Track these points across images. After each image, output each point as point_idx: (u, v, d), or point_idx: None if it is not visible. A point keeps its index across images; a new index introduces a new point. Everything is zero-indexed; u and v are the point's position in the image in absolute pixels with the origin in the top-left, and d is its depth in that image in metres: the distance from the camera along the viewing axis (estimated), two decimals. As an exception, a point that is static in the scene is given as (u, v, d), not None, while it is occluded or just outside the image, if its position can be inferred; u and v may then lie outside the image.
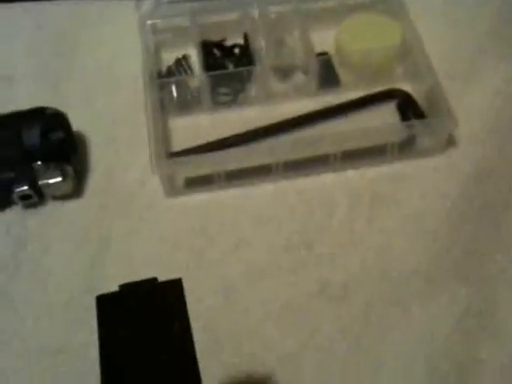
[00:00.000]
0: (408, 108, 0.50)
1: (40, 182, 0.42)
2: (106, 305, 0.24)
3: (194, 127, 0.49)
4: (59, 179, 0.43)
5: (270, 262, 0.43)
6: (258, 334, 0.39)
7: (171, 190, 0.46)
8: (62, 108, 0.45)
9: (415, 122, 0.47)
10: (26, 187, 0.42)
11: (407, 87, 0.51)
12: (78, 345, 0.39)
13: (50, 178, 0.43)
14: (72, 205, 0.45)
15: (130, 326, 0.23)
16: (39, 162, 0.42)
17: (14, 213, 0.44)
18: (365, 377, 0.38)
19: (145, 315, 0.23)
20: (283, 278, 0.42)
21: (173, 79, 0.50)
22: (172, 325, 0.23)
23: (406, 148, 0.48)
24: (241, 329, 0.40)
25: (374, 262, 0.43)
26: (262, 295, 0.41)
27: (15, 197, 0.43)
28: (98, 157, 0.47)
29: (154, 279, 0.25)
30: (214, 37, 0.53)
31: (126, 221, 0.44)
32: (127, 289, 0.24)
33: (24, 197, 0.43)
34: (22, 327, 0.40)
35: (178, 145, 0.48)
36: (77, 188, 0.45)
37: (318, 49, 0.51)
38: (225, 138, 0.48)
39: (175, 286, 0.24)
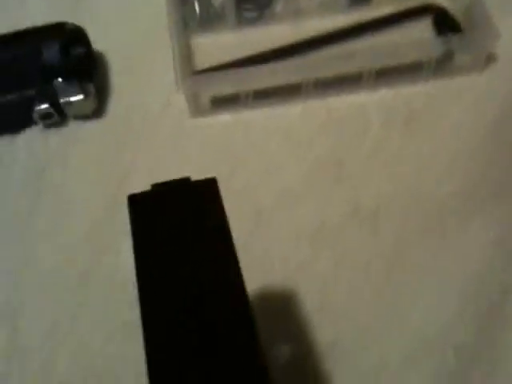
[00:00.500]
0: (444, 24, 0.47)
1: (61, 100, 0.41)
2: (139, 204, 0.22)
3: (218, 46, 0.47)
4: (81, 97, 0.41)
5: (301, 183, 0.41)
6: (290, 256, 0.38)
7: (196, 110, 0.44)
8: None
9: (452, 37, 0.45)
10: (46, 105, 0.41)
11: (444, 2, 0.48)
12: (104, 268, 0.38)
13: (72, 96, 0.41)
14: (94, 125, 0.43)
15: (165, 226, 0.21)
16: (60, 79, 0.40)
17: (35, 133, 0.43)
18: (398, 299, 0.37)
19: (180, 216, 0.21)
20: (314, 200, 0.41)
21: (195, -6, 0.48)
22: (209, 225, 0.21)
23: (442, 65, 0.45)
24: (273, 252, 0.38)
25: (408, 183, 0.41)
26: (293, 217, 0.40)
27: (36, 116, 0.41)
28: (120, 77, 0.45)
29: (187, 178, 0.23)
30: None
31: (150, 142, 0.43)
32: (160, 188, 0.22)
33: (45, 115, 0.41)
34: (49, 251, 0.39)
35: (201, 64, 0.46)
36: (99, 108, 0.43)
37: (349, -39, 0.48)
38: (251, 56, 0.45)
39: (210, 185, 0.22)
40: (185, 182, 0.22)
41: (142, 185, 0.40)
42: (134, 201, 0.22)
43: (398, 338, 0.35)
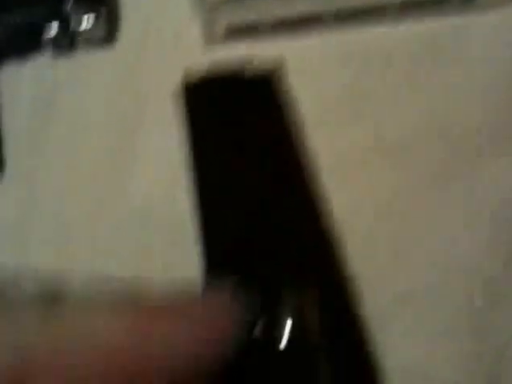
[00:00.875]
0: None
1: (72, 25, 0.39)
2: (193, 95, 0.19)
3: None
4: (92, 22, 0.39)
5: (318, 117, 0.40)
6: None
7: (211, 38, 0.42)
8: None
9: (482, -33, 0.42)
10: (57, 30, 0.39)
11: None
12: (116, 196, 0.37)
13: (83, 21, 0.39)
14: (104, 54, 0.42)
15: (222, 121, 0.18)
16: (71, 1, 0.39)
17: (43, 61, 0.41)
18: (423, 233, 0.35)
19: (237, 110, 0.18)
20: (336, 131, 0.39)
21: None
22: (271, 120, 0.18)
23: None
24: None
25: (434, 118, 0.39)
26: (314, 148, 0.38)
27: (46, 41, 0.39)
28: (132, 4, 0.43)
29: (248, 68, 0.19)
30: None
31: (163, 71, 0.41)
32: (215, 77, 0.19)
33: (55, 40, 0.39)
34: (57, 175, 0.37)
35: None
36: (109, 36, 0.42)
37: None
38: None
39: (272, 75, 0.19)
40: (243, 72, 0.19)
41: (154, 114, 0.39)
42: (188, 91, 0.19)
43: (422, 271, 0.34)
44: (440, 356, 0.32)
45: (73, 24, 0.39)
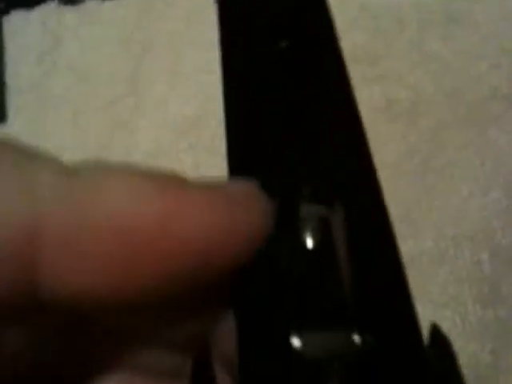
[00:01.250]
0: None
1: (79, -29, 0.38)
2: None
3: None
4: (100, -30, 0.38)
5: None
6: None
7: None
8: None
9: None
10: (64, -24, 0.38)
11: None
12: (118, 147, 0.36)
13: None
14: (112, 4, 0.41)
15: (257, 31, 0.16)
16: None
17: (51, 7, 0.40)
18: (434, 196, 0.35)
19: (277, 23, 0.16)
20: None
21: None
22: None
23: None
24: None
25: (446, 81, 0.38)
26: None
27: (52, -12, 0.38)
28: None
29: None
30: None
31: (171, 26, 0.40)
32: None
33: (62, -13, 0.38)
34: (62, 123, 0.36)
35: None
36: (118, -13, 0.41)
37: None
38: None
39: None
40: None
41: (159, 63, 0.38)
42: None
43: (430, 236, 0.33)
44: (445, 323, 0.31)
45: (81, -29, 0.38)
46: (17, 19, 0.40)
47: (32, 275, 0.11)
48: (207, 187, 0.11)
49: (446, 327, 0.30)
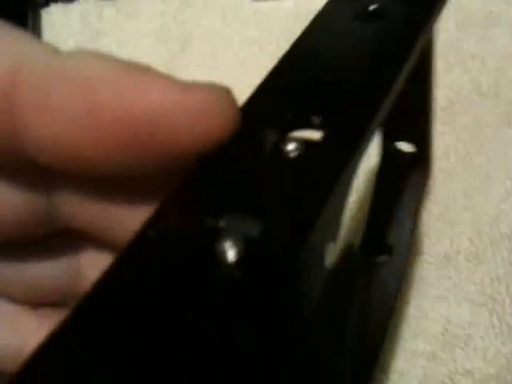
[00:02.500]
0: None
1: (119, -34, 0.38)
2: None
3: None
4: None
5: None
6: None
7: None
8: None
9: None
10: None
11: None
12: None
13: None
14: (150, 0, 0.41)
15: None
16: None
17: (90, 2, 0.41)
18: (471, 195, 0.34)
19: None
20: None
21: None
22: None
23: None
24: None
25: (483, 81, 0.38)
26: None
27: (92, -18, 0.39)
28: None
29: None
30: None
31: (208, 22, 0.40)
32: None
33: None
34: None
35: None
36: (157, -17, 0.41)
37: None
38: None
39: None
40: None
41: (196, 62, 0.38)
42: None
43: (466, 236, 0.33)
44: (482, 323, 0.31)
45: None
46: (56, 12, 0.40)
47: (12, 123, 0.12)
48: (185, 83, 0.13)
49: (483, 327, 0.30)
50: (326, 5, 0.17)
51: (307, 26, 0.16)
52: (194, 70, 0.38)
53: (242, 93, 0.36)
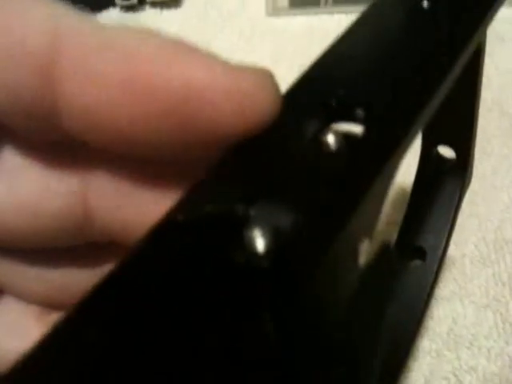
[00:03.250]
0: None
1: (142, -19, 0.40)
2: None
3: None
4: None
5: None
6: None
7: (274, 8, 0.43)
8: None
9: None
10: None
11: None
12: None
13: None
14: (170, 14, 0.43)
15: None
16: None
17: (113, 14, 0.42)
18: (477, 203, 0.35)
19: None
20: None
21: None
22: None
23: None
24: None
25: (488, 96, 0.40)
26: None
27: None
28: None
29: None
30: None
31: (225, 35, 0.42)
32: None
33: (124, -5, 0.41)
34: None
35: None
36: (177, -2, 0.43)
37: None
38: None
39: None
40: None
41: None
42: None
43: (472, 241, 0.34)
44: (486, 324, 0.32)
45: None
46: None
47: (50, 89, 0.12)
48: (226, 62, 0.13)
49: (486, 327, 0.31)
50: (376, 0, 0.17)
51: (357, 18, 0.16)
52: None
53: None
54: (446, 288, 0.32)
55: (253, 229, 0.10)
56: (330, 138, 0.12)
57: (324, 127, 0.12)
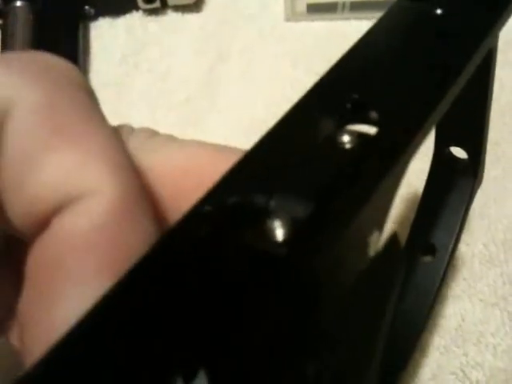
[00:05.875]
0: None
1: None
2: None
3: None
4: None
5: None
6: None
7: (292, 13, 0.44)
8: None
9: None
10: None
11: None
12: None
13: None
14: (192, 17, 0.44)
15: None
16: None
17: (135, 18, 0.44)
18: (488, 205, 0.36)
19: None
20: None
21: None
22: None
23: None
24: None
25: (502, 100, 0.41)
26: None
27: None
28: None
29: None
30: None
31: (245, 38, 0.43)
32: None
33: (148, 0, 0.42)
34: (140, 118, 0.39)
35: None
36: (198, 1, 0.44)
37: None
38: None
39: None
40: None
41: (232, 70, 0.41)
42: None
43: (480, 240, 0.35)
44: (494, 322, 0.33)
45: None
46: (104, 25, 0.44)
47: None
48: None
49: (495, 325, 0.31)
50: (392, 7, 0.17)
51: (373, 25, 0.17)
52: (229, 80, 0.41)
53: (277, 105, 0.39)
54: (456, 287, 0.33)
55: (272, 219, 0.11)
56: (345, 138, 0.13)
57: (339, 128, 0.13)
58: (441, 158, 0.26)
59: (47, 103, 0.11)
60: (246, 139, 0.38)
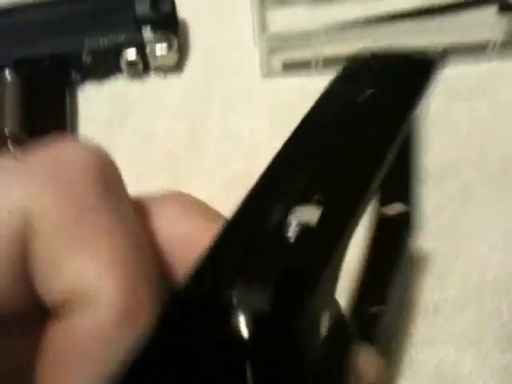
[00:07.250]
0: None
1: (147, 49, 0.44)
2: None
3: (293, 21, 0.50)
4: (165, 48, 0.44)
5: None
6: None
7: (268, 71, 0.46)
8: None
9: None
10: (134, 53, 0.44)
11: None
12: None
13: (157, 46, 0.44)
14: (173, 78, 0.46)
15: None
16: (148, 29, 0.44)
17: (120, 80, 0.46)
18: (459, 250, 0.38)
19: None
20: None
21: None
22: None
23: (507, 45, 0.47)
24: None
25: (472, 146, 0.43)
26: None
27: (123, 62, 0.44)
28: (199, 37, 0.48)
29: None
30: None
31: (223, 97, 0.45)
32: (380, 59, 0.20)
33: (131, 62, 0.44)
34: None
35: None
36: (179, 63, 0.46)
37: None
38: (326, 26, 0.48)
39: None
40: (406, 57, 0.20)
41: (213, 128, 0.43)
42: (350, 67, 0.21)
43: (456, 285, 0.37)
44: (468, 364, 0.34)
45: (148, 50, 0.44)
46: (90, 89, 0.46)
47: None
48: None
49: (467, 368, 0.33)
50: (329, 87, 0.19)
51: (311, 108, 0.18)
52: (211, 138, 0.43)
53: (258, 160, 0.41)
54: (428, 333, 0.35)
55: (236, 314, 0.12)
56: (290, 228, 0.14)
57: (286, 217, 0.14)
58: (378, 217, 0.27)
59: (64, 219, 0.15)
60: (226, 196, 0.40)
